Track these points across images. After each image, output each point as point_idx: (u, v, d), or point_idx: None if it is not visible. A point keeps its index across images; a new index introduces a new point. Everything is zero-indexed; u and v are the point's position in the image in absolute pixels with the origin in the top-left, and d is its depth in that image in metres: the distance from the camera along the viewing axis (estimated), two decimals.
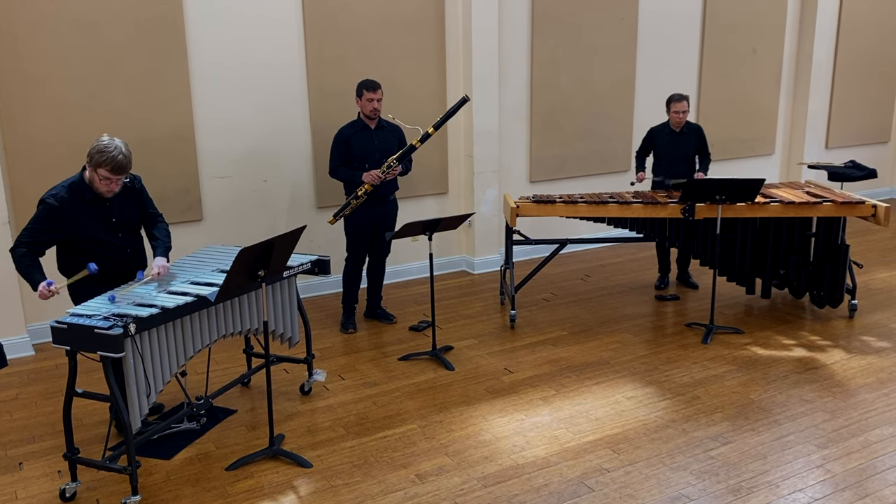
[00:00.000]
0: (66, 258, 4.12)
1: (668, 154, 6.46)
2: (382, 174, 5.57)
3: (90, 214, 4.05)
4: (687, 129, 6.45)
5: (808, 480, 3.89)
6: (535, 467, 4.06)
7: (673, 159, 6.46)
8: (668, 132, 6.45)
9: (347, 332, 5.94)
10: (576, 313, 6.29)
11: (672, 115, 6.36)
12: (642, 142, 6.61)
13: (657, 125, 6.57)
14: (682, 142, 6.45)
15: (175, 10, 5.83)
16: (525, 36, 7.37)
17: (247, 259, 3.79)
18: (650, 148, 6.57)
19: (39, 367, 5.46)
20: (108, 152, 3.90)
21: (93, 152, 3.93)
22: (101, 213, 4.09)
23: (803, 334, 5.78)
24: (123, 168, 3.96)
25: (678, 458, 4.11)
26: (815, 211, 5.81)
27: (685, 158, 6.48)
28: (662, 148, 6.48)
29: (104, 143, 3.93)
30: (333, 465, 4.11)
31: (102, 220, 4.10)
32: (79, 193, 4.02)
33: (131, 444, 3.72)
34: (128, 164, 3.98)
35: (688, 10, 8.21)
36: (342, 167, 5.72)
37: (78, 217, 4.01)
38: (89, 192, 4.04)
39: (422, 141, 5.62)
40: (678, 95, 6.35)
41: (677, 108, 6.31)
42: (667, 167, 6.46)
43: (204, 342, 4.11)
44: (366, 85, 5.61)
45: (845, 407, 4.64)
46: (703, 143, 6.52)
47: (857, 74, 9.57)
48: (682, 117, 6.32)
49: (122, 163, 3.93)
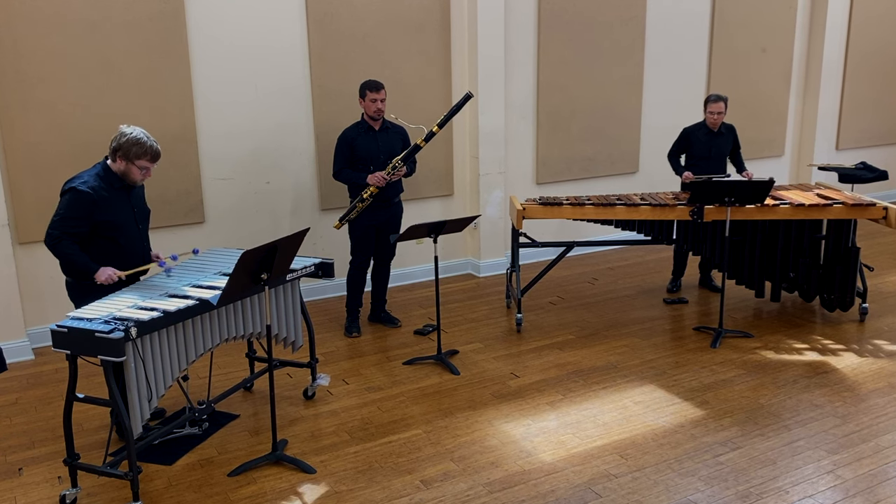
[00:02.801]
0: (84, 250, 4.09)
1: (705, 154, 6.46)
2: (388, 175, 5.53)
3: (119, 203, 4.12)
4: (724, 128, 6.48)
5: (819, 486, 3.85)
6: (542, 473, 4.02)
7: (710, 159, 6.47)
8: (706, 132, 6.45)
9: (351, 336, 5.90)
10: (583, 317, 6.25)
11: (708, 116, 6.38)
12: (676, 142, 6.55)
13: (691, 125, 6.56)
14: (719, 142, 6.47)
15: (177, 10, 5.80)
16: (531, 35, 7.33)
17: (249, 262, 3.77)
18: (685, 148, 6.53)
19: (39, 371, 5.43)
20: (145, 143, 4.05)
21: (127, 145, 4.02)
22: (126, 202, 4.17)
23: (813, 338, 5.72)
24: (160, 154, 4.14)
25: (687, 463, 4.08)
26: (825, 213, 5.76)
27: (721, 158, 6.52)
28: (699, 148, 6.46)
29: (134, 134, 4.04)
30: (337, 471, 4.08)
31: (128, 209, 4.18)
32: (108, 182, 4.08)
33: (132, 450, 3.69)
34: (160, 150, 4.16)
35: (696, 9, 8.15)
36: (346, 169, 5.68)
37: (109, 205, 4.06)
38: (118, 181, 4.11)
39: (426, 140, 5.58)
40: (715, 96, 6.35)
41: (713, 109, 6.32)
42: (703, 167, 6.44)
43: (206, 346, 4.08)
44: (368, 85, 5.57)
45: (856, 412, 4.60)
46: (737, 142, 6.59)
47: (869, 74, 9.50)
48: (717, 118, 6.34)
49: (159, 150, 4.14)
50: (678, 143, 6.54)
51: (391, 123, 5.77)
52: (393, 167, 5.55)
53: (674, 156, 6.57)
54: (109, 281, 3.98)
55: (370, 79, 5.70)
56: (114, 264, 4.07)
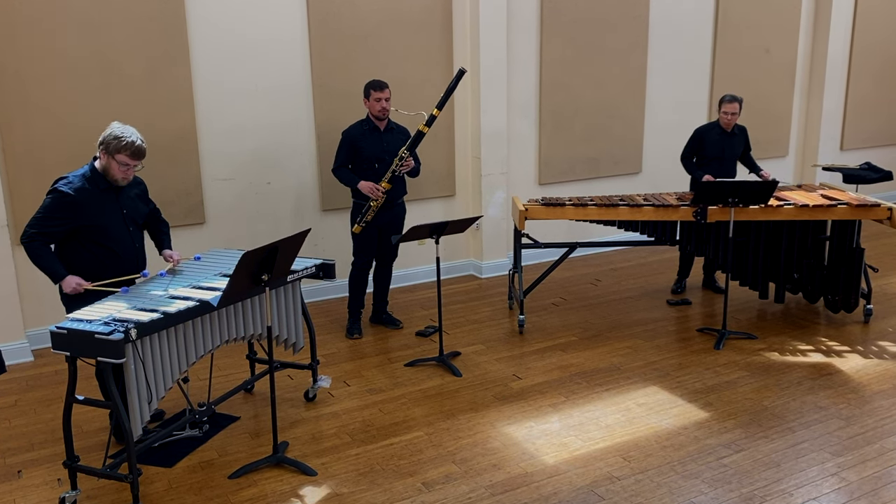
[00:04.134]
0: (65, 252, 4.06)
1: (718, 155, 6.42)
2: (395, 168, 5.51)
3: (104, 205, 4.06)
4: (737, 129, 6.46)
5: (823, 489, 3.84)
6: (545, 475, 4.00)
7: (723, 160, 6.44)
8: (719, 133, 6.42)
9: (353, 338, 5.88)
10: (586, 318, 6.22)
11: (722, 116, 6.35)
12: (689, 144, 6.50)
13: (703, 126, 6.54)
14: (733, 142, 6.45)
15: (177, 10, 5.78)
16: (534, 35, 7.30)
17: (250, 263, 3.75)
18: (698, 149, 6.49)
19: (39, 373, 5.41)
20: (126, 137, 3.96)
21: (109, 139, 3.96)
22: (114, 204, 4.10)
23: (817, 340, 5.70)
24: (142, 152, 4.03)
25: (690, 465, 4.06)
26: (829, 214, 5.74)
27: (733, 159, 6.50)
28: (712, 148, 6.41)
29: (119, 129, 3.99)
30: (338, 474, 4.06)
31: (115, 211, 4.11)
32: (93, 183, 4.03)
33: (132, 452, 3.68)
34: (145, 150, 4.06)
35: (700, 9, 8.12)
36: (345, 168, 5.66)
37: (92, 207, 4.01)
38: (103, 182, 4.05)
39: (428, 125, 5.54)
40: (729, 97, 6.32)
41: (727, 110, 6.29)
42: (716, 168, 6.40)
43: (206, 348, 4.06)
44: (373, 85, 5.55)
45: (860, 414, 4.58)
46: (748, 144, 6.57)
47: (873, 74, 9.46)
48: (731, 119, 6.31)
49: (141, 147, 4.02)
50: (690, 144, 6.50)
51: (395, 124, 5.75)
52: (400, 157, 5.53)
53: (687, 158, 6.52)
54: (74, 292, 3.90)
55: (374, 78, 5.67)
56: (107, 269, 4.03)
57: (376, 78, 5.78)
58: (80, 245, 4.03)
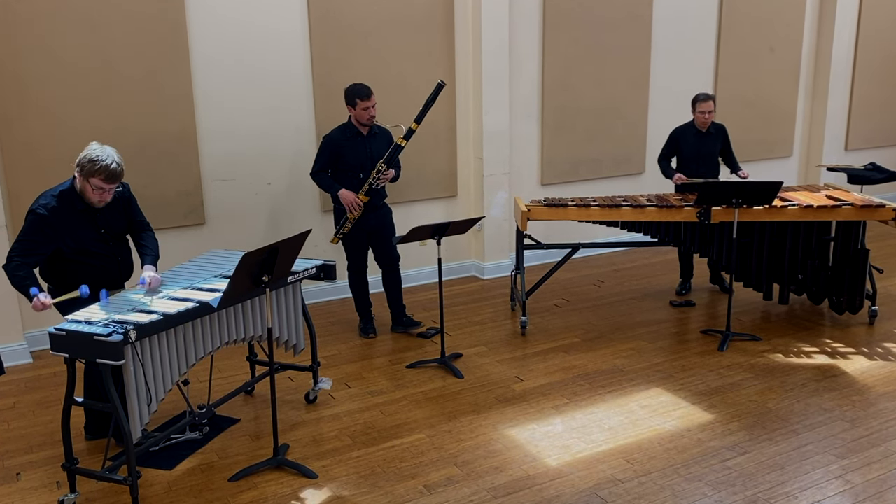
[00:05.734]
0: (53, 269, 4.05)
1: (694, 155, 6.37)
2: (373, 181, 5.46)
3: (81, 225, 3.98)
4: (713, 128, 6.38)
5: (827, 491, 3.82)
6: (547, 478, 3.98)
7: (700, 160, 6.37)
8: (694, 133, 6.36)
9: (368, 337, 5.88)
10: (588, 320, 6.19)
11: (698, 116, 6.28)
12: (666, 144, 6.48)
13: (679, 126, 6.47)
14: (708, 142, 6.37)
15: (177, 9, 5.76)
16: (536, 34, 7.28)
17: (250, 264, 3.74)
18: (675, 150, 6.45)
19: (37, 374, 5.40)
20: (101, 161, 3.83)
21: (84, 161, 3.86)
22: (90, 223, 4.02)
23: (822, 341, 5.67)
24: (117, 176, 3.90)
25: (694, 468, 4.04)
26: (834, 214, 5.70)
27: (711, 158, 6.43)
28: (688, 149, 6.37)
29: (95, 151, 3.87)
30: (339, 476, 4.04)
31: (92, 230, 4.03)
32: (69, 203, 3.95)
33: (132, 455, 3.66)
34: (121, 173, 3.93)
35: (704, 8, 8.09)
36: (324, 173, 5.63)
37: (68, 228, 3.94)
38: (80, 203, 3.97)
39: (406, 138, 5.50)
40: (704, 95, 6.25)
41: (703, 108, 6.22)
42: (693, 168, 6.35)
43: (206, 349, 4.04)
44: (358, 94, 5.43)
45: (865, 416, 4.55)
46: (727, 142, 6.48)
47: (878, 74, 9.42)
48: (708, 117, 6.25)
49: (115, 171, 3.87)
50: (667, 146, 6.47)
51: (379, 127, 5.69)
52: (377, 171, 5.48)
53: (664, 159, 6.48)
54: (37, 310, 3.78)
55: (357, 84, 5.51)
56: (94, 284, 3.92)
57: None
58: (65, 261, 4.00)
